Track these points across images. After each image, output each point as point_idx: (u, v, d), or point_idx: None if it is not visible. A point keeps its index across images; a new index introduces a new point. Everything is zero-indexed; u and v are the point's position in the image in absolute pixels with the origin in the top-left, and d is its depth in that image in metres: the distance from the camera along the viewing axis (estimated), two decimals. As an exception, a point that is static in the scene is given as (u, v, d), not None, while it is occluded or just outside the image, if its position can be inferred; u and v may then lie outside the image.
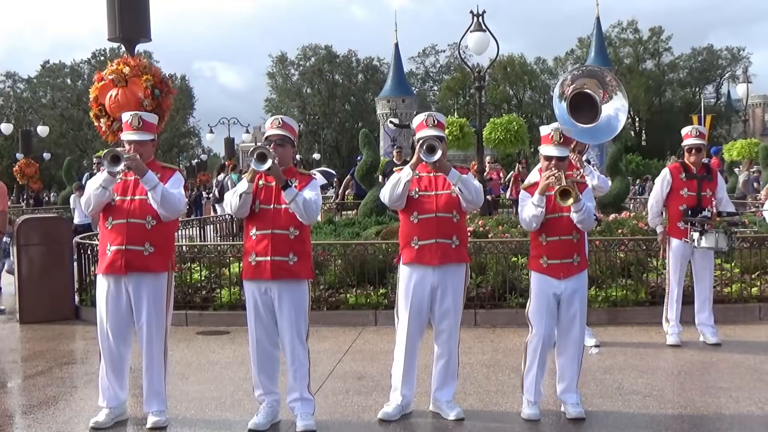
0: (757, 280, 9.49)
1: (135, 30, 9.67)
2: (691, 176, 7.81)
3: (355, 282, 9.56)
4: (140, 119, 5.54)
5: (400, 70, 70.87)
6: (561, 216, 5.47)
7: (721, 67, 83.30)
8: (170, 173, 5.61)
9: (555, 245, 5.54)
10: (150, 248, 5.36)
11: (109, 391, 5.51)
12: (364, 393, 6.25)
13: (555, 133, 5.62)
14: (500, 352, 7.59)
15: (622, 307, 9.14)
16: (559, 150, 5.59)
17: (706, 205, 7.71)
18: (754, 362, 7.13)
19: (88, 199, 5.40)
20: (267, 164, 5.05)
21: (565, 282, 5.54)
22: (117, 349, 5.47)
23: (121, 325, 5.45)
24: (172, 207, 5.35)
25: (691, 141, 7.85)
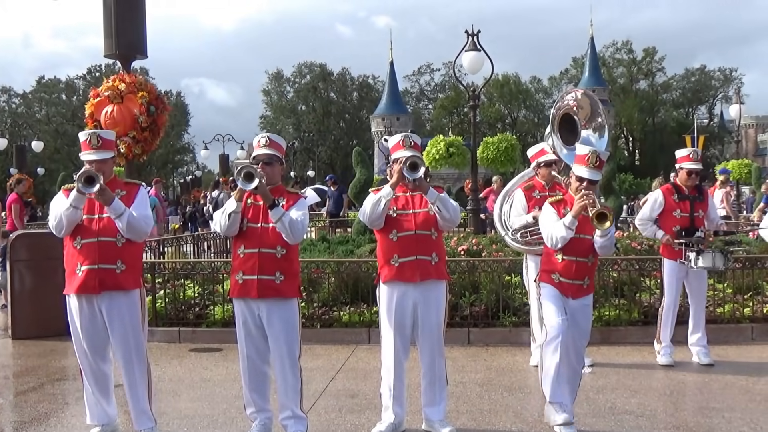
0: (749, 300, 9.51)
1: (131, 46, 9.70)
2: (684, 197, 7.86)
3: (348, 300, 9.56)
4: (99, 137, 5.44)
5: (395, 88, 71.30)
6: (583, 238, 5.54)
7: (714, 87, 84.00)
8: (135, 189, 5.52)
9: (571, 265, 5.60)
10: (122, 266, 5.31)
11: (97, 407, 5.48)
12: (357, 411, 6.24)
13: (592, 156, 5.65)
14: (493, 371, 7.58)
15: (615, 326, 9.13)
16: (592, 173, 5.62)
17: (699, 225, 7.77)
18: (746, 383, 7.15)
19: (60, 221, 5.27)
20: (254, 183, 5.07)
21: (575, 301, 5.62)
22: (98, 367, 5.43)
23: (98, 343, 5.41)
24: (137, 233, 5.33)
25: (691, 165, 7.88)
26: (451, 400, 5.96)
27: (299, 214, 5.25)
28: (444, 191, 5.70)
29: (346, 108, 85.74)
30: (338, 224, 20.24)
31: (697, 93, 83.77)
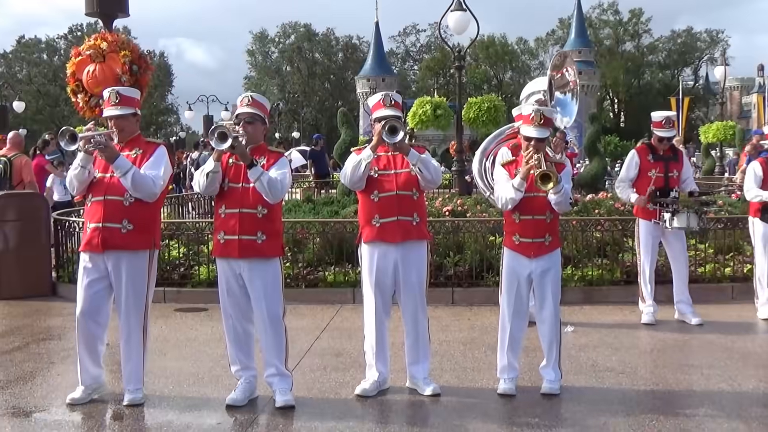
0: (730, 260, 9.61)
1: (113, 4, 9.56)
2: (659, 158, 7.92)
3: (333, 260, 9.60)
4: (118, 94, 5.46)
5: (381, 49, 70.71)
6: (536, 196, 5.50)
7: (700, 49, 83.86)
8: (153, 148, 5.49)
9: (528, 224, 5.59)
10: (128, 226, 5.29)
11: (82, 368, 5.48)
12: (341, 369, 6.29)
13: (536, 114, 5.61)
14: (477, 330, 7.64)
15: (598, 286, 9.23)
16: (539, 131, 5.59)
17: (674, 185, 7.80)
18: (725, 341, 7.25)
19: (71, 180, 5.40)
20: (227, 143, 5.03)
21: (536, 261, 5.61)
22: (88, 327, 5.41)
23: (93, 303, 5.40)
24: (145, 192, 5.27)
25: (662, 133, 7.97)
26: (435, 358, 6.01)
27: (279, 173, 5.22)
28: (426, 151, 5.67)
29: (331, 69, 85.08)
30: (323, 185, 20.18)
31: (683, 55, 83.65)
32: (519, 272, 5.64)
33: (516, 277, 5.64)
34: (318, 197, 16.48)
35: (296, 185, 19.52)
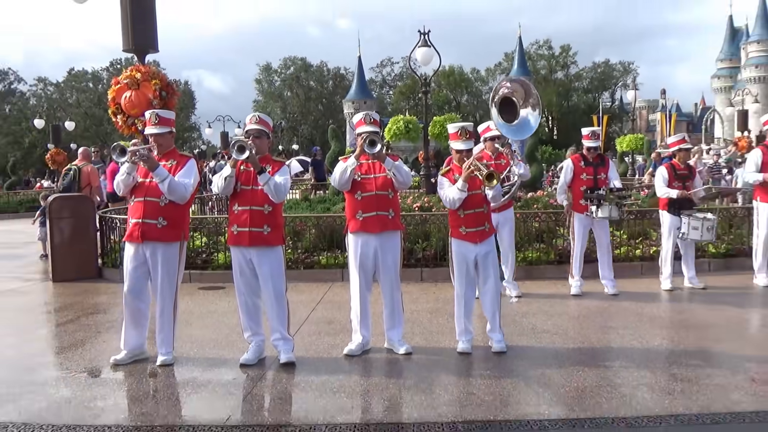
0: (640, 244, 9.70)
1: (145, 43, 9.45)
2: (589, 164, 8.01)
3: (326, 246, 9.57)
4: (157, 116, 5.52)
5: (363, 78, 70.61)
6: (475, 193, 5.59)
7: (615, 77, 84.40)
8: (185, 161, 5.49)
9: (470, 217, 5.64)
10: (163, 222, 5.32)
11: (126, 335, 5.49)
12: (333, 334, 6.28)
13: (461, 131, 5.74)
14: (441, 301, 7.65)
15: (536, 265, 9.26)
16: (465, 144, 5.71)
17: (601, 185, 7.90)
18: (636, 308, 7.30)
19: (118, 183, 5.43)
20: (245, 154, 5.08)
21: (480, 246, 5.65)
22: (134, 303, 5.43)
23: (137, 284, 5.42)
24: (178, 196, 5.31)
25: (588, 143, 8.15)
26: (407, 324, 6.01)
27: (282, 179, 5.27)
28: (399, 159, 5.69)
29: (323, 94, 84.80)
30: (318, 187, 20.12)
31: (602, 81, 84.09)
32: (467, 256, 5.66)
33: (465, 261, 5.67)
34: (313, 197, 16.44)
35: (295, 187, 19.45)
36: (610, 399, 4.47)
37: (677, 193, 8.02)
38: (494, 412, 4.29)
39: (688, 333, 6.29)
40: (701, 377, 4.89)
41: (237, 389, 4.86)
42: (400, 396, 4.66)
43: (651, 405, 4.36)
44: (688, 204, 8.14)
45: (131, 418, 4.35)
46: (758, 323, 6.84)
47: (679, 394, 4.56)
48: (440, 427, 4.07)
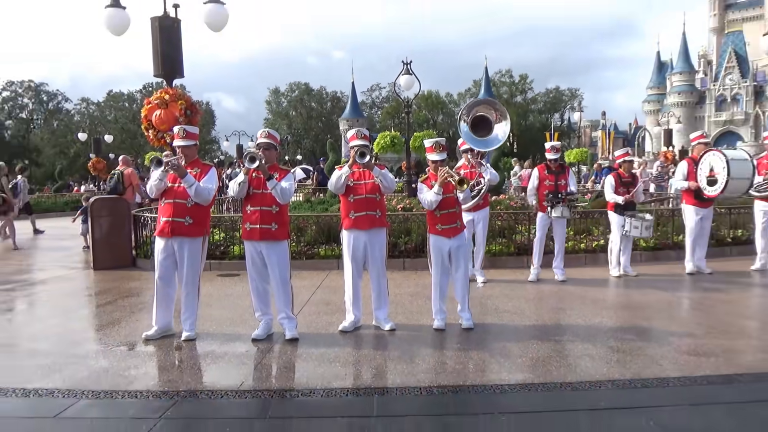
0: (584, 239, 9.75)
1: (172, 69, 9.37)
2: (551, 172, 8.06)
3: (324, 240, 9.52)
4: (185, 131, 5.50)
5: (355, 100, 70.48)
6: (448, 196, 5.61)
7: (564, 101, 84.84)
8: (207, 169, 5.45)
9: (445, 216, 5.65)
10: (189, 220, 5.30)
11: (156, 315, 5.45)
12: (330, 314, 6.25)
13: (436, 145, 5.78)
14: (420, 286, 7.64)
15: (499, 256, 9.28)
16: (439, 155, 5.73)
17: (562, 190, 7.93)
18: (581, 292, 7.34)
19: (151, 188, 5.40)
20: (255, 164, 5.10)
21: (453, 240, 5.65)
22: (163, 289, 5.41)
23: (166, 272, 5.39)
24: (202, 198, 5.30)
25: (549, 156, 8.15)
26: (391, 306, 5.99)
27: (287, 184, 5.26)
28: (385, 168, 5.69)
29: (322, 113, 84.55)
30: (318, 191, 20.04)
31: (554, 104, 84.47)
32: (442, 249, 5.66)
33: (440, 253, 5.67)
34: (314, 199, 16.38)
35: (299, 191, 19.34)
36: (559, 367, 4.49)
37: (623, 198, 8.13)
38: (464, 378, 4.28)
39: (623, 312, 6.33)
40: (634, 349, 4.92)
41: (249, 360, 4.83)
42: (385, 365, 4.65)
43: (592, 372, 4.37)
44: (632, 206, 8.22)
45: (159, 384, 4.30)
46: (681, 304, 6.89)
47: (616, 363, 4.58)
48: (419, 390, 4.06)
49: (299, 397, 3.99)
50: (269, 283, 5.43)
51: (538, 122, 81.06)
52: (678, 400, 3.85)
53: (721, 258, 9.49)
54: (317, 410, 3.79)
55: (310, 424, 3.59)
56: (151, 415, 3.71)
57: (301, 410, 3.80)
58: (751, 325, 5.79)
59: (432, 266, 5.74)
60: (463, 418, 3.60)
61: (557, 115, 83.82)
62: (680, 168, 8.66)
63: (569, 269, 8.27)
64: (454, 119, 76.38)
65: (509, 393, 4.00)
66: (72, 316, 6.55)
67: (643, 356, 4.73)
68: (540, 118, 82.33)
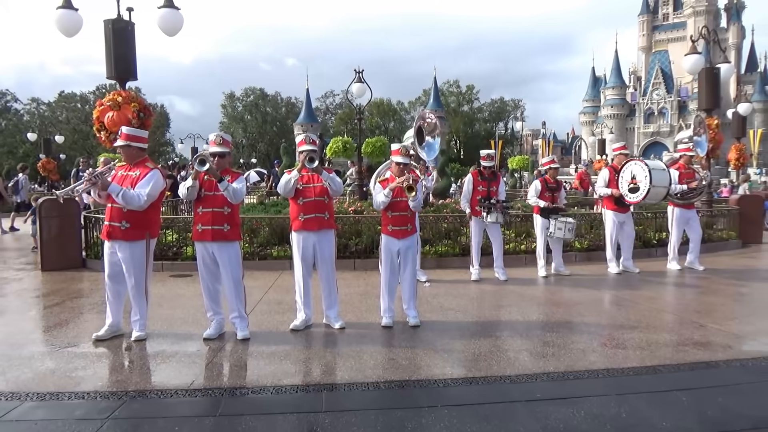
0: (524, 240, 9.99)
1: (125, 71, 9.04)
2: (485, 178, 8.19)
3: (277, 242, 9.41)
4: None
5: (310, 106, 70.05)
6: (401, 200, 5.65)
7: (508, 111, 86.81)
8: (148, 171, 5.20)
9: (397, 218, 5.70)
10: (126, 224, 5.09)
11: (107, 314, 5.26)
12: (281, 312, 6.18)
13: (402, 149, 5.83)
14: (370, 286, 7.66)
15: (445, 257, 9.39)
16: (404, 159, 5.78)
17: (493, 196, 8.08)
18: (521, 290, 7.52)
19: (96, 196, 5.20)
20: (206, 166, 5.02)
21: (403, 241, 5.70)
22: (112, 288, 5.23)
23: (113, 271, 5.21)
24: (134, 205, 5.05)
25: (484, 163, 8.27)
26: (341, 305, 5.97)
27: (239, 185, 5.17)
28: (333, 172, 5.69)
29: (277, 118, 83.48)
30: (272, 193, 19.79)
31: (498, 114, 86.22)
32: (392, 249, 5.70)
33: (390, 253, 5.70)
34: (268, 201, 16.16)
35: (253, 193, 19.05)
36: (499, 361, 4.58)
37: (545, 203, 8.39)
38: (409, 373, 4.31)
39: (558, 309, 6.50)
40: (567, 343, 5.07)
41: (200, 359, 4.71)
42: (335, 362, 4.63)
43: (529, 365, 4.49)
44: (556, 210, 8.48)
45: (108, 385, 4.14)
46: (610, 301, 7.14)
47: (551, 356, 4.71)
48: (366, 386, 4.06)
49: (249, 395, 3.93)
50: (221, 283, 5.33)
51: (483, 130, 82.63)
52: (606, 390, 3.99)
53: (647, 258, 9.93)
54: (267, 407, 3.73)
55: (260, 420, 3.53)
56: (98, 415, 3.57)
57: (252, 407, 3.73)
58: (673, 319, 6.07)
59: (382, 265, 5.76)
60: (407, 411, 3.62)
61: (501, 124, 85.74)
62: (602, 175, 9.00)
63: (510, 269, 8.44)
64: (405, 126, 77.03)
65: (452, 387, 4.05)
66: (18, 317, 6.22)
67: (575, 350, 4.87)
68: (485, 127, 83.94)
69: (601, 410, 3.62)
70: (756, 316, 6.18)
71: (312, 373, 4.39)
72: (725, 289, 7.59)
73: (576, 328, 5.62)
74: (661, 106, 79.46)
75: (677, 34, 79.76)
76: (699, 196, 9.07)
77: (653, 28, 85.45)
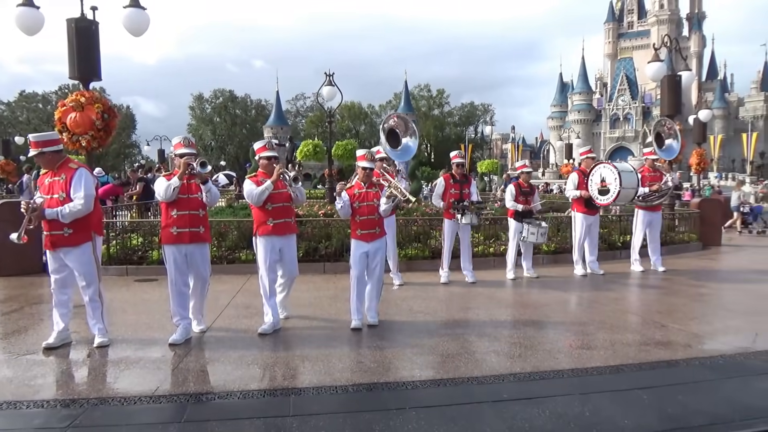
0: (493, 243, 10.11)
1: (88, 72, 8.83)
2: (456, 181, 8.25)
3: (246, 245, 9.31)
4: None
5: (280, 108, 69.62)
6: (368, 204, 5.76)
7: (478, 115, 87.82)
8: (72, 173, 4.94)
9: (365, 222, 5.79)
10: (69, 230, 4.93)
11: (54, 320, 5.14)
12: (249, 317, 6.12)
13: (368, 154, 5.97)
14: (339, 289, 7.64)
15: (414, 260, 9.42)
16: (370, 163, 5.89)
17: (466, 198, 8.15)
18: (489, 292, 7.59)
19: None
20: (207, 169, 5.16)
21: (371, 244, 5.79)
22: (61, 296, 5.11)
23: (62, 279, 5.08)
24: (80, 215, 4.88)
25: (456, 160, 8.30)
26: (310, 309, 5.97)
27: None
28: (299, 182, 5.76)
29: (247, 120, 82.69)
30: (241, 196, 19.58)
31: (468, 118, 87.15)
32: (361, 252, 5.77)
33: (360, 256, 5.77)
34: (236, 204, 15.98)
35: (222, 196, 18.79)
36: (467, 363, 4.62)
37: (522, 207, 8.49)
38: (378, 376, 4.32)
39: (526, 311, 6.60)
40: (534, 344, 5.15)
41: (165, 365, 4.62)
42: (303, 366, 4.60)
43: (496, 366, 4.54)
44: (529, 214, 8.61)
45: (68, 393, 4.03)
46: (576, 303, 7.29)
47: (518, 357, 4.78)
48: (334, 389, 4.06)
49: (216, 400, 3.88)
50: (188, 287, 5.36)
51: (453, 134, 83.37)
52: (571, 390, 4.07)
53: (612, 260, 10.16)
54: (234, 412, 3.69)
55: (226, 426, 3.49)
56: (58, 424, 3.48)
57: (218, 413, 3.69)
58: (636, 320, 6.23)
59: (352, 268, 5.82)
60: (376, 414, 3.63)
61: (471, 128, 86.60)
62: (571, 179, 9.19)
63: (479, 272, 8.53)
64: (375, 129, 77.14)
65: (420, 389, 4.07)
66: (-27, 324, 6.00)
67: (542, 351, 4.96)
68: (456, 131, 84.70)
69: (565, 409, 3.69)
70: (714, 316, 6.39)
71: (280, 377, 4.35)
72: (686, 290, 7.83)
73: (543, 329, 5.72)
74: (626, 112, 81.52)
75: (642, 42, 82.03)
76: (661, 198, 9.33)
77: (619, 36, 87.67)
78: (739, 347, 5.08)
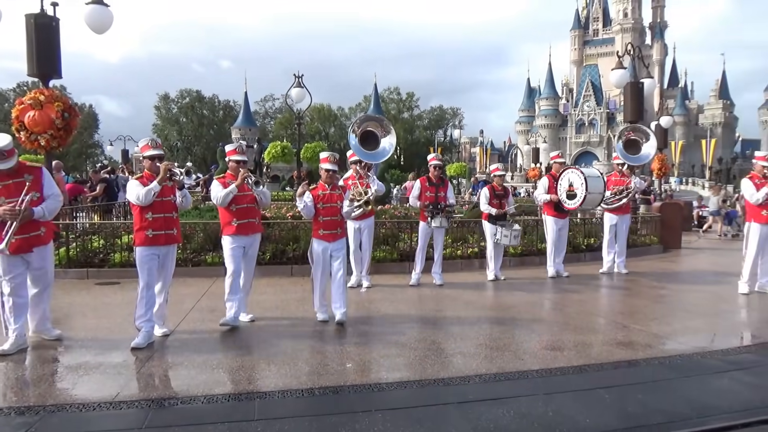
0: (460, 246, 10.20)
1: (48, 69, 8.58)
2: (432, 184, 8.30)
3: (212, 247, 9.16)
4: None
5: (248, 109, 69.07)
6: (332, 206, 5.94)
7: (447, 119, 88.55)
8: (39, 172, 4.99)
9: (328, 222, 5.97)
10: (43, 229, 5.03)
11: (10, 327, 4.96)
12: (214, 321, 5.98)
13: (331, 156, 6.10)
14: (307, 292, 7.48)
15: (383, 262, 9.43)
16: (333, 166, 6.03)
17: (441, 201, 8.20)
18: (456, 294, 7.65)
19: None
20: (193, 178, 5.14)
21: (332, 244, 5.96)
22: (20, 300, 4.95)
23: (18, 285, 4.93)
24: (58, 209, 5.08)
25: (434, 162, 8.38)
26: (277, 311, 5.93)
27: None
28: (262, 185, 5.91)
29: (215, 121, 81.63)
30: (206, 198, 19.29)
31: (437, 121, 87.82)
32: (324, 251, 5.95)
33: (321, 255, 5.95)
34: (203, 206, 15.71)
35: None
36: (434, 364, 4.65)
37: (496, 210, 8.61)
38: (344, 378, 4.31)
39: (493, 312, 6.69)
40: (500, 346, 5.21)
41: (127, 369, 4.52)
42: (269, 369, 4.56)
43: (462, 368, 4.58)
44: (503, 216, 8.73)
45: (24, 400, 3.90)
46: (542, 304, 7.41)
47: (484, 359, 4.83)
48: (300, 392, 4.03)
49: (179, 405, 3.81)
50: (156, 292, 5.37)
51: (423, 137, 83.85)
52: (535, 390, 4.13)
53: (577, 263, 10.38)
54: (198, 417, 3.63)
55: (189, 431, 3.43)
56: (12, 432, 3.36)
57: (181, 418, 3.62)
58: (599, 321, 6.37)
59: (313, 266, 5.99)
60: (342, 416, 3.62)
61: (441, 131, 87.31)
62: (542, 183, 9.37)
63: (447, 274, 8.59)
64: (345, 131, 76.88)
65: (387, 391, 4.08)
66: None
67: (507, 352, 5.02)
68: (425, 134, 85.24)
69: (529, 409, 3.75)
70: (674, 317, 6.59)
71: (245, 381, 4.30)
72: (647, 292, 8.05)
73: (509, 331, 5.79)
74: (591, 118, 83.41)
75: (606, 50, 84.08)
76: (621, 201, 9.57)
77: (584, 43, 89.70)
78: (697, 347, 5.25)
